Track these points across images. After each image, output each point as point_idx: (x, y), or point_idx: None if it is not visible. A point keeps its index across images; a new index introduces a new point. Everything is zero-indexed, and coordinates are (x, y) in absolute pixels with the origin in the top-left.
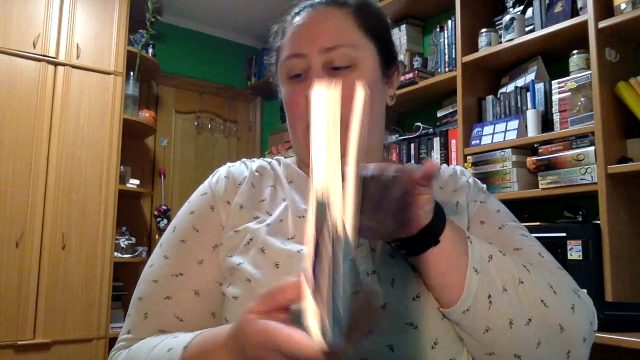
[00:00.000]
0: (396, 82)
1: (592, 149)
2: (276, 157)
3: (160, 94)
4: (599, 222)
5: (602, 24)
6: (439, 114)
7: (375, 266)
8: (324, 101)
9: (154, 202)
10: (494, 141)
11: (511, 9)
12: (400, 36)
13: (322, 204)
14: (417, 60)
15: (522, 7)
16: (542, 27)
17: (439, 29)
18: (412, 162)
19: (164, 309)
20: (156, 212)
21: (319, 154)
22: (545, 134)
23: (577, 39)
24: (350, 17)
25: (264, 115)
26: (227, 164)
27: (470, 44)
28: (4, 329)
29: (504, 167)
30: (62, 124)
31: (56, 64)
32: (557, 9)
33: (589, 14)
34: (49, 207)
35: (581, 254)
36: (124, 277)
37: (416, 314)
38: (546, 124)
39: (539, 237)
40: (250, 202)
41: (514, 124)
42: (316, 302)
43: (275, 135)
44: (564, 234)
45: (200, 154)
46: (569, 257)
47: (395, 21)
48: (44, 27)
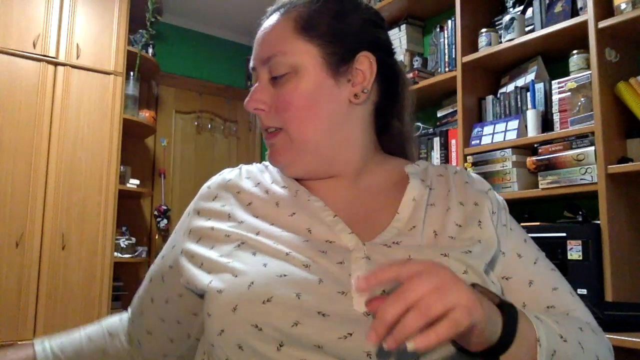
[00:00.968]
0: (366, 76)
1: (592, 149)
2: None
3: (160, 94)
4: (599, 222)
5: (602, 24)
6: (439, 114)
7: None
8: None
9: (154, 202)
10: (494, 141)
11: (511, 9)
12: (400, 36)
13: None
14: (417, 60)
15: (522, 7)
16: (542, 27)
17: (439, 29)
18: None
19: (149, 310)
20: (156, 212)
21: None
22: (545, 134)
23: (577, 39)
24: (289, 22)
25: None
26: (223, 171)
27: (470, 44)
28: (4, 329)
29: (504, 167)
30: (62, 124)
31: (56, 64)
32: (557, 9)
33: (589, 14)
34: (49, 207)
35: (581, 254)
36: (124, 277)
37: None
38: (546, 124)
39: (539, 237)
40: (240, 206)
41: (514, 124)
42: None
43: None
44: (564, 234)
45: (200, 154)
46: (569, 257)
47: (395, 21)
48: (44, 27)
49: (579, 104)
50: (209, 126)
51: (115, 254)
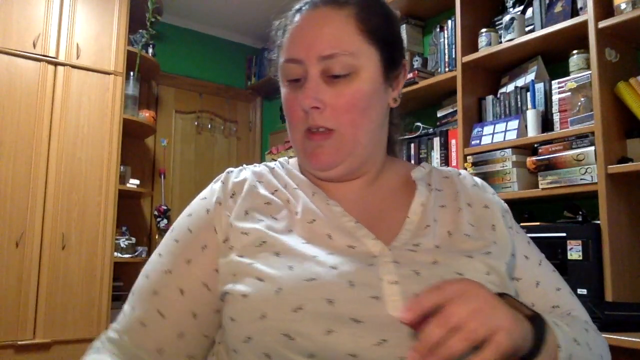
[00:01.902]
0: (402, 83)
1: (592, 149)
2: (280, 159)
3: (160, 94)
4: (599, 222)
5: (602, 24)
6: (439, 114)
7: None
8: None
9: (154, 202)
10: (494, 141)
11: (511, 9)
12: None
13: None
14: (417, 60)
15: (522, 7)
16: (542, 27)
17: (439, 29)
18: (412, 161)
19: (148, 304)
20: (156, 212)
21: None
22: (545, 134)
23: (577, 39)
24: (351, 20)
25: (264, 115)
26: (228, 169)
27: (470, 44)
28: (4, 329)
29: (504, 167)
30: (62, 124)
31: (56, 64)
32: (557, 9)
33: (589, 14)
34: (49, 207)
35: (581, 254)
36: (124, 277)
37: None
38: (546, 124)
39: (539, 237)
40: (255, 206)
41: (514, 124)
42: None
43: (275, 135)
44: (564, 234)
45: (200, 154)
46: (569, 257)
47: None
48: (44, 27)
49: (579, 104)
50: (209, 126)
51: (115, 254)
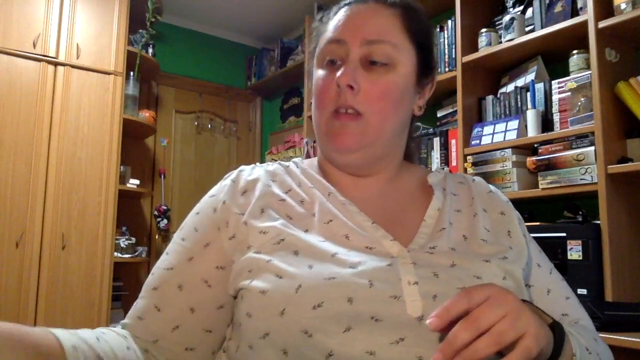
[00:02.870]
0: (428, 94)
1: (592, 149)
2: (294, 159)
3: (160, 94)
4: (599, 222)
5: (602, 24)
6: (439, 114)
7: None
8: None
9: (154, 202)
10: (494, 141)
11: (511, 9)
12: None
13: None
14: None
15: (522, 7)
16: (542, 27)
17: (439, 29)
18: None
19: (148, 299)
20: (156, 212)
21: None
22: (545, 134)
23: (577, 39)
24: (397, 17)
25: (264, 115)
26: (241, 167)
27: (470, 44)
28: None
29: (504, 167)
30: (62, 124)
31: (56, 64)
32: (557, 9)
33: (589, 14)
34: (49, 207)
35: (581, 254)
36: (124, 277)
37: None
38: (546, 124)
39: (539, 237)
40: (271, 204)
41: (514, 124)
42: None
43: (275, 135)
44: (564, 234)
45: (200, 154)
46: (569, 257)
47: None
48: (44, 27)
49: (579, 104)
50: (209, 126)
51: (115, 254)
